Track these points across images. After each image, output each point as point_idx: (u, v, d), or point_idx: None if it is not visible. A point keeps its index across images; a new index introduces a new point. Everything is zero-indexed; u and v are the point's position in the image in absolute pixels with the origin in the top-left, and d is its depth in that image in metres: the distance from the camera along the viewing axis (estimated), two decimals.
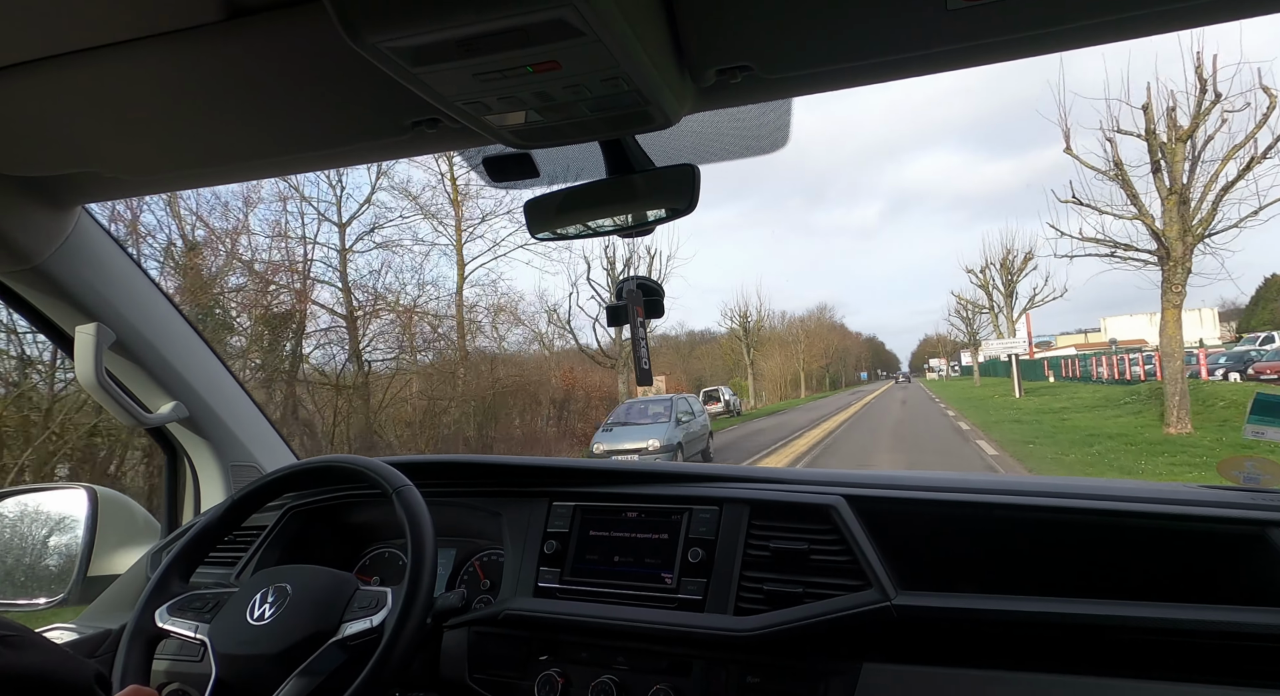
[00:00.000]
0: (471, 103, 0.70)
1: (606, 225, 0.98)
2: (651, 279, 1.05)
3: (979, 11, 0.67)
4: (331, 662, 0.91)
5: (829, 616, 0.97)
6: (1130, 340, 45.06)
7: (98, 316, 1.28)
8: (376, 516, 1.38)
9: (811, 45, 0.72)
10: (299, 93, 0.80)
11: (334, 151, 0.96)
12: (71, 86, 0.79)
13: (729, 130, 0.98)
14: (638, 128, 0.82)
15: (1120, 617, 0.89)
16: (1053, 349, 55.50)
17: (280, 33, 0.71)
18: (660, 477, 1.22)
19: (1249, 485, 1.08)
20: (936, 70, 0.79)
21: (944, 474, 1.19)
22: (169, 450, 1.58)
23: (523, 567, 1.18)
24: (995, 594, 0.96)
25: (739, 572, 1.06)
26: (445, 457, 1.36)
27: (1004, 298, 32.73)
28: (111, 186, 1.12)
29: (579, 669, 1.08)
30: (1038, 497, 1.02)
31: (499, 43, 0.58)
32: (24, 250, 1.16)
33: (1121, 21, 0.71)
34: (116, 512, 1.49)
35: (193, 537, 1.08)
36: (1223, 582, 0.93)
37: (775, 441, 16.60)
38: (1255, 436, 1.15)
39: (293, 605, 0.95)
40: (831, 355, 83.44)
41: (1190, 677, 0.87)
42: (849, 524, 1.03)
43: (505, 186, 1.07)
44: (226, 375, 1.56)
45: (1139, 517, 0.97)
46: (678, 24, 0.68)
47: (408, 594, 0.91)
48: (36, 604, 1.42)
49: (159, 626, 1.00)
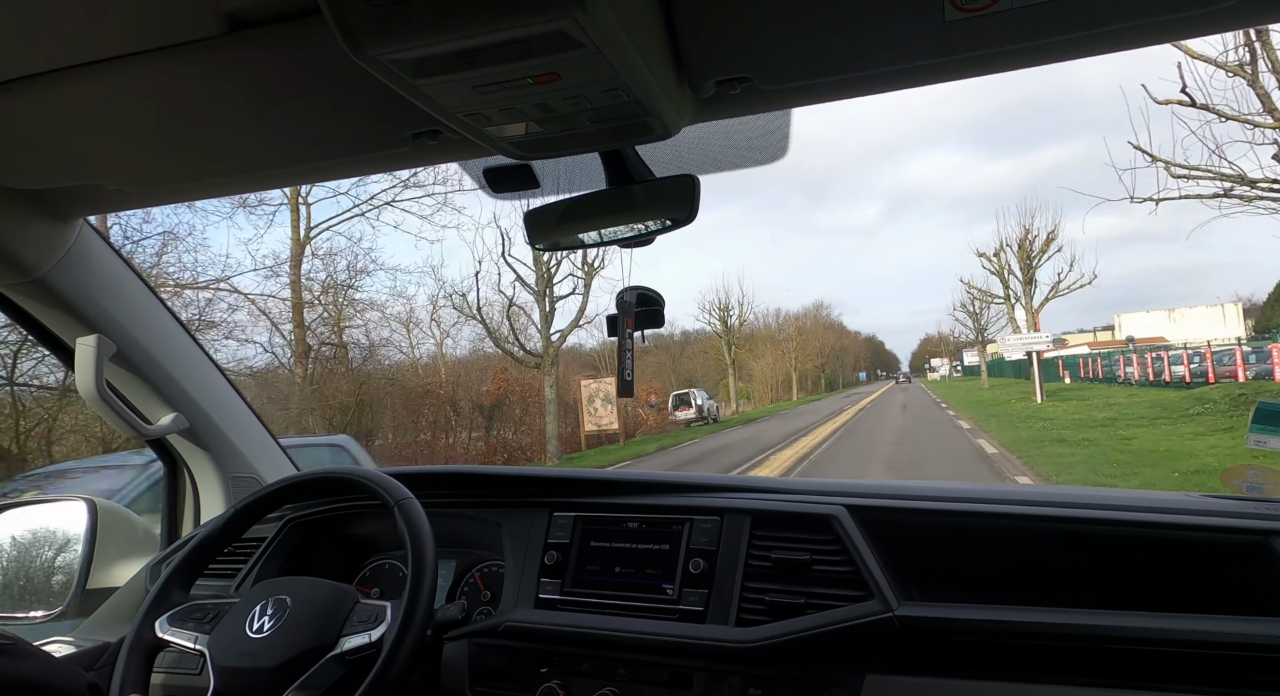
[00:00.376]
0: (472, 114, 0.70)
1: (607, 235, 0.99)
2: (651, 288, 1.05)
3: (976, 23, 0.67)
4: (329, 677, 0.90)
5: (831, 627, 0.96)
6: (1148, 338, 41.76)
7: (98, 328, 1.28)
8: (377, 528, 1.38)
9: (810, 57, 0.73)
10: (300, 105, 0.81)
11: (334, 163, 0.97)
12: (73, 100, 0.79)
13: (729, 141, 0.99)
14: (638, 139, 0.82)
15: (1123, 628, 0.88)
16: (1067, 347, 51.37)
17: (281, 45, 0.71)
18: (661, 488, 1.22)
19: (1252, 494, 1.07)
20: (934, 81, 0.80)
21: (946, 483, 1.19)
22: (169, 461, 1.58)
23: (523, 579, 1.18)
24: (998, 604, 0.95)
25: (740, 583, 1.05)
26: (446, 469, 1.36)
27: (1022, 285, 27.63)
28: (113, 199, 1.12)
29: (580, 681, 1.07)
30: (1040, 507, 1.02)
31: (499, 54, 0.59)
32: (25, 263, 1.17)
33: (1119, 32, 0.71)
34: (116, 525, 1.48)
35: (193, 548, 1.08)
36: (1226, 593, 0.93)
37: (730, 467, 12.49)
38: (1257, 445, 1.15)
39: (292, 618, 0.94)
40: (828, 354, 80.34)
41: (1194, 688, 0.86)
42: (851, 534, 1.03)
43: (506, 197, 1.07)
44: (227, 386, 1.56)
45: (1141, 527, 0.96)
46: (677, 35, 0.68)
47: (407, 609, 0.91)
48: (35, 616, 1.41)
49: (159, 636, 0.99)
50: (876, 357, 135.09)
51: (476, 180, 1.05)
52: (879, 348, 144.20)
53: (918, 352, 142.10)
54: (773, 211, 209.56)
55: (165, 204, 1.14)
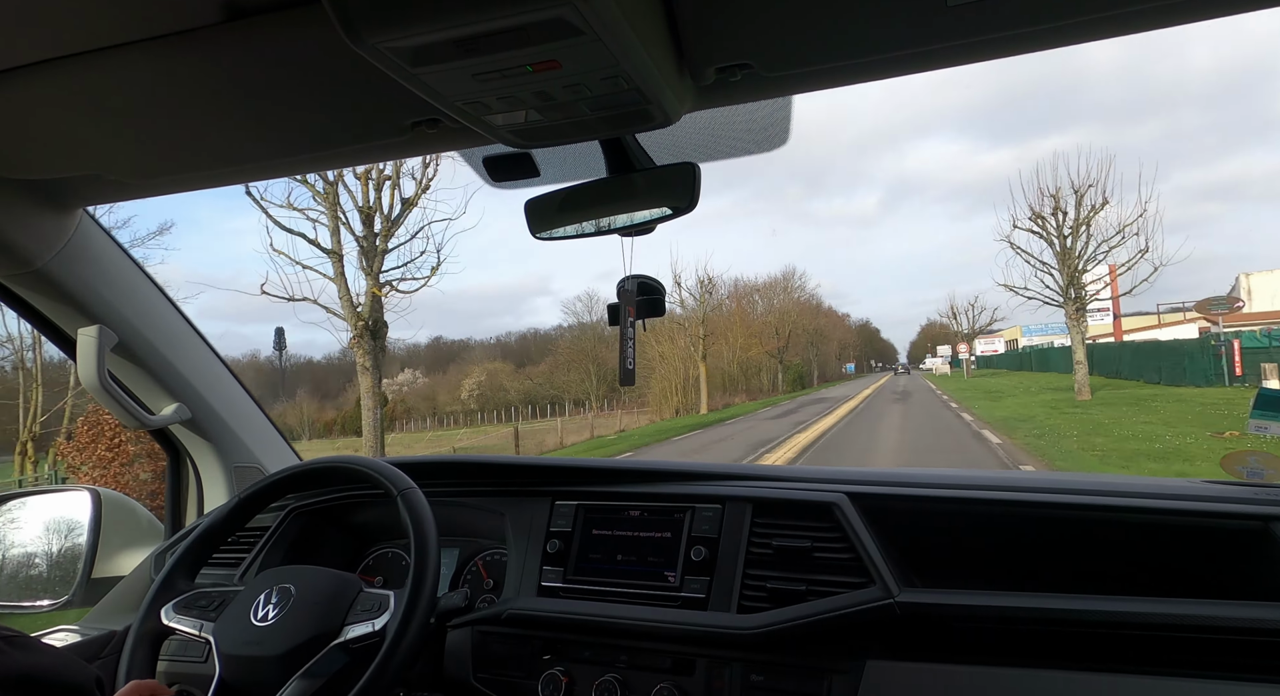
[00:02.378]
0: (471, 102, 0.70)
1: (607, 224, 0.98)
2: (652, 277, 1.05)
3: (979, 8, 0.67)
4: (333, 665, 0.91)
5: (832, 614, 0.97)
6: None
7: (100, 318, 1.29)
8: (380, 516, 1.38)
9: (811, 43, 0.72)
10: (299, 94, 0.80)
11: (334, 152, 0.96)
12: (72, 89, 0.79)
13: (729, 128, 0.98)
14: (638, 126, 0.82)
15: (1123, 613, 0.89)
16: (1162, 325, 34.91)
17: (280, 34, 0.71)
18: (663, 476, 1.22)
19: (1253, 480, 1.08)
20: (937, 67, 0.79)
21: (947, 471, 1.20)
22: (172, 451, 1.59)
23: (526, 567, 1.18)
24: (999, 590, 0.96)
25: (742, 570, 1.06)
26: (448, 457, 1.36)
27: (1077, 242, 19.49)
28: (113, 189, 1.12)
29: (582, 668, 1.08)
30: (1041, 494, 1.02)
31: (498, 42, 0.58)
32: (26, 253, 1.17)
33: (1120, 17, 0.70)
34: (120, 514, 1.49)
35: (198, 537, 1.09)
36: (1228, 577, 0.93)
37: None
38: (1258, 431, 1.15)
39: (296, 606, 0.95)
40: (801, 338, 59.53)
41: (1194, 673, 0.86)
42: (852, 521, 1.03)
43: (506, 186, 1.07)
44: (229, 376, 1.56)
45: (1142, 513, 0.97)
46: (677, 22, 0.68)
47: (410, 598, 0.91)
48: (41, 606, 1.42)
49: (165, 624, 1.00)
50: (870, 346, 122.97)
51: (476, 169, 1.05)
52: (873, 335, 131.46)
53: (917, 342, 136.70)
54: (770, 201, 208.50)
55: (165, 194, 1.13)
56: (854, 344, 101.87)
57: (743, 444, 14.68)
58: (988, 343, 66.66)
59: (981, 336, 62.12)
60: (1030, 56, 0.78)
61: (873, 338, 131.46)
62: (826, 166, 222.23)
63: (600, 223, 0.98)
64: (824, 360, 74.74)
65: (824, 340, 74.33)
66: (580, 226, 1.00)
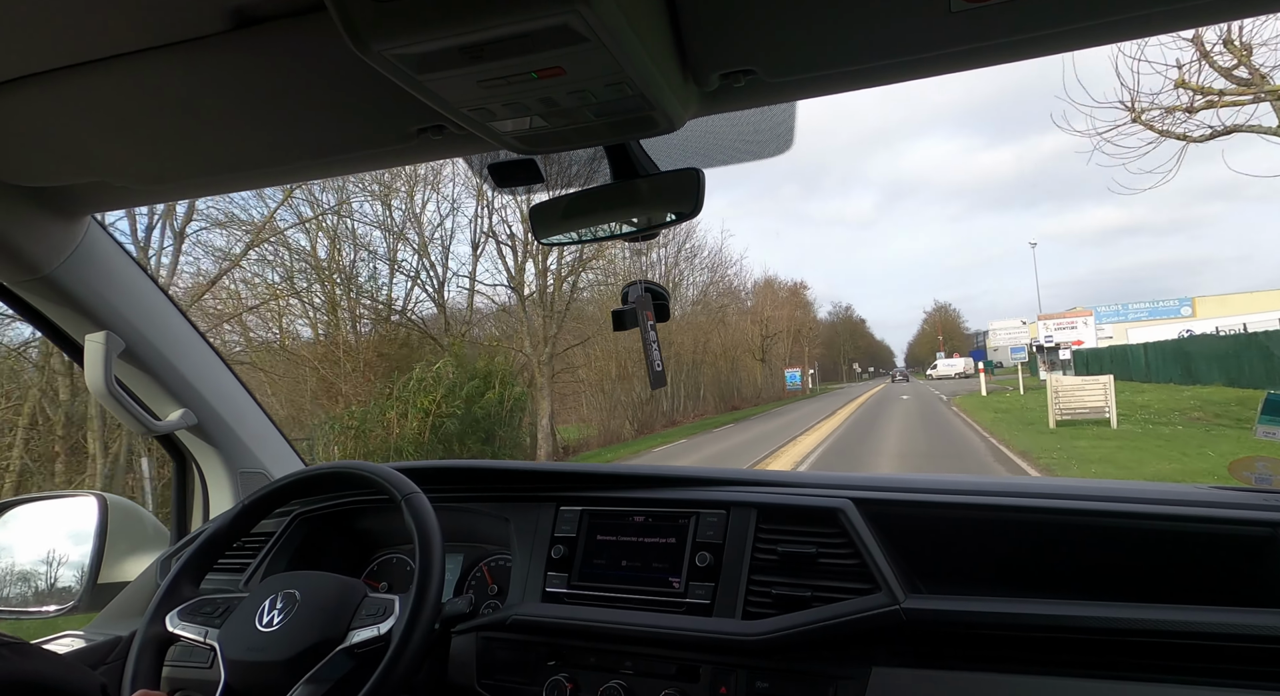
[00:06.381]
0: (477, 109, 0.70)
1: (611, 230, 0.99)
2: (657, 283, 1.06)
3: (983, 13, 0.67)
4: (339, 670, 0.91)
5: (838, 620, 0.96)
6: None
7: (107, 325, 1.29)
8: (384, 522, 1.38)
9: (815, 49, 0.72)
10: (306, 101, 0.81)
11: (340, 159, 0.97)
12: (80, 97, 0.80)
13: (733, 134, 0.99)
14: (642, 132, 0.82)
15: (1130, 620, 0.88)
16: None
17: (287, 42, 0.71)
18: (667, 482, 1.22)
19: (1261, 486, 1.07)
20: (941, 72, 0.79)
21: (953, 476, 1.19)
22: (178, 457, 1.59)
23: (530, 572, 1.18)
24: (1005, 597, 0.95)
25: (747, 576, 1.05)
26: (453, 463, 1.36)
27: None
28: (120, 195, 1.12)
29: (587, 674, 1.07)
30: (1047, 500, 1.02)
31: (504, 49, 0.59)
32: (34, 260, 1.17)
33: (1126, 21, 0.70)
34: (126, 520, 1.50)
35: (203, 543, 1.09)
36: (1235, 584, 0.93)
37: None
38: (1267, 437, 1.15)
39: (301, 612, 0.95)
40: (769, 334, 41.21)
41: (1202, 680, 0.86)
42: (857, 527, 1.03)
43: (511, 192, 1.07)
44: (235, 382, 1.57)
45: (1149, 519, 0.96)
46: (681, 28, 0.68)
47: (415, 603, 0.91)
48: (47, 611, 1.42)
49: (170, 631, 1.00)
50: (859, 349, 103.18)
51: (481, 175, 1.05)
52: (868, 337, 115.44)
53: (915, 343, 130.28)
54: (766, 202, 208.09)
55: (172, 200, 1.14)
56: (843, 345, 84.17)
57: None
58: (1062, 328, 38.22)
59: (1054, 319, 39.26)
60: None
61: (866, 339, 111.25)
62: (821, 168, 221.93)
63: (605, 228, 0.99)
64: (814, 366, 50.78)
65: (802, 336, 50.13)
66: (585, 232, 1.01)
